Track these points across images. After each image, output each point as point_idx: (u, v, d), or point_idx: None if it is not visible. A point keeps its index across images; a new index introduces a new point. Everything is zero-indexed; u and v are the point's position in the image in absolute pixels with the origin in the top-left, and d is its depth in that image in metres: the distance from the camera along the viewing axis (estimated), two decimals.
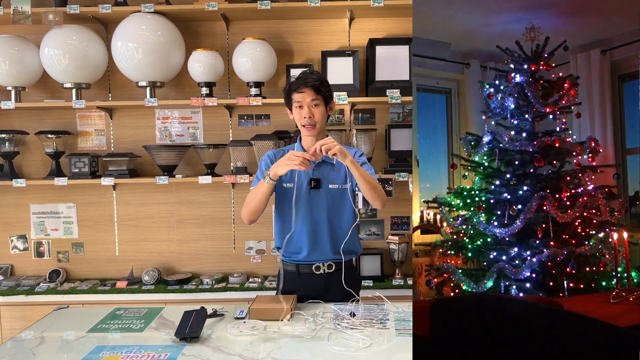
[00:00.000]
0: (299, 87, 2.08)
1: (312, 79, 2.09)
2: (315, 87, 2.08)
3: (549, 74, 2.10)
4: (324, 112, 2.12)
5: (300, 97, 2.09)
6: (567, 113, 2.15)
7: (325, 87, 2.12)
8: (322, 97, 2.10)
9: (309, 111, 2.08)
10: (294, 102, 2.11)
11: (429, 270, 1.87)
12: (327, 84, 2.15)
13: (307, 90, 2.07)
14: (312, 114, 2.08)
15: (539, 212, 1.98)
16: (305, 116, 2.08)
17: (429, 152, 1.98)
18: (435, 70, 1.98)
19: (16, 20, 2.98)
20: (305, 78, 2.10)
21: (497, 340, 1.22)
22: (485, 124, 2.07)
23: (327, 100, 2.14)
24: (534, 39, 2.04)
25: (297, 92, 2.09)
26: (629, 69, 2.12)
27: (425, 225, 1.91)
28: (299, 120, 2.11)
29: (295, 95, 2.10)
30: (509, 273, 1.87)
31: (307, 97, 2.08)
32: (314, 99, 2.08)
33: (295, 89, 2.09)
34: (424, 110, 1.70)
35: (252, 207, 2.09)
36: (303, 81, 2.09)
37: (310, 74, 2.12)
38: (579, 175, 2.14)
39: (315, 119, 2.09)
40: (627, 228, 1.91)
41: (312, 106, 2.09)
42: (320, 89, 2.10)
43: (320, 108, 2.11)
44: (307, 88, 2.07)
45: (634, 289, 1.71)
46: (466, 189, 2.07)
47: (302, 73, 2.14)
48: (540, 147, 2.10)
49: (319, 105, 2.10)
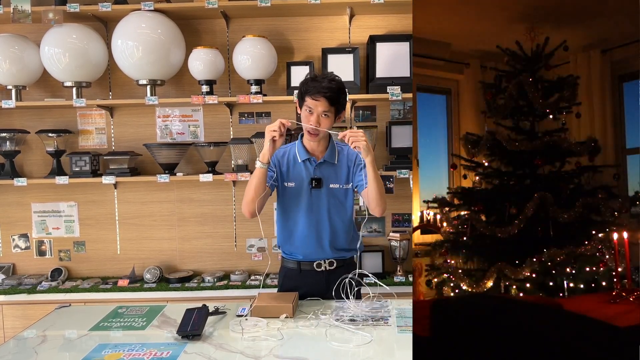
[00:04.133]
0: (315, 94, 2.02)
1: (330, 89, 2.02)
2: (330, 100, 2.03)
3: (549, 74, 2.11)
4: (331, 123, 2.09)
5: (312, 104, 2.04)
6: (567, 113, 2.15)
7: (342, 99, 2.08)
8: (334, 110, 2.07)
9: (317, 121, 2.05)
10: (305, 105, 2.07)
11: (429, 270, 1.89)
12: (345, 96, 2.10)
13: (322, 100, 2.02)
14: (319, 124, 2.05)
15: (539, 212, 1.99)
16: (312, 124, 2.05)
17: (429, 152, 1.98)
18: (435, 70, 1.98)
19: (16, 19, 2.98)
20: (323, 84, 2.02)
21: (497, 340, 1.23)
22: (485, 124, 2.08)
23: (339, 111, 2.11)
24: (534, 39, 2.04)
25: (311, 97, 2.03)
26: (629, 69, 2.11)
27: (425, 225, 1.92)
28: (306, 123, 2.08)
29: (309, 100, 2.04)
30: (509, 273, 1.88)
31: (319, 107, 2.03)
32: (326, 111, 2.04)
33: (311, 93, 2.03)
34: (424, 110, 1.70)
35: (249, 196, 2.06)
36: (320, 88, 2.02)
37: (330, 81, 2.04)
38: (579, 175, 2.14)
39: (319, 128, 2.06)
40: (627, 228, 1.92)
41: (321, 116, 2.05)
42: (337, 101, 2.05)
43: (330, 120, 2.07)
44: (322, 98, 2.02)
45: (634, 289, 1.72)
46: (466, 189, 2.08)
47: (322, 76, 2.07)
48: (540, 147, 2.11)
49: (329, 116, 2.06)
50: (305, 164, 2.17)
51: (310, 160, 2.17)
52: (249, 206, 2.08)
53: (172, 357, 1.63)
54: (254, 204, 2.06)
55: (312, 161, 2.17)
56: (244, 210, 2.11)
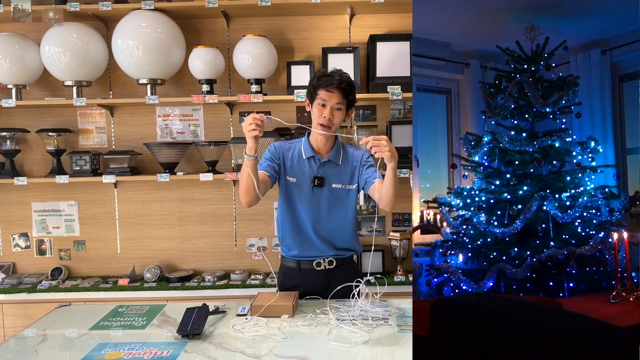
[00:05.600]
0: (329, 85, 2.05)
1: (344, 81, 2.06)
2: (344, 91, 2.06)
3: (549, 74, 2.11)
4: (342, 117, 2.11)
5: (326, 96, 2.07)
6: (567, 113, 2.16)
7: (353, 93, 2.11)
8: (347, 102, 2.10)
9: (330, 112, 2.07)
10: (318, 98, 2.08)
11: (429, 270, 1.89)
12: (355, 91, 2.13)
13: (336, 92, 2.06)
14: (332, 116, 2.07)
15: (539, 212, 2.00)
16: (325, 116, 2.06)
17: (429, 152, 1.99)
18: (435, 70, 1.98)
19: (16, 18, 2.98)
20: (335, 78, 2.06)
21: (497, 340, 1.23)
22: (485, 124, 2.08)
23: (349, 106, 2.14)
24: (534, 39, 2.05)
25: (325, 89, 2.06)
26: (629, 69, 2.12)
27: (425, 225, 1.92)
28: (318, 117, 2.09)
29: (322, 93, 2.07)
30: (509, 273, 1.89)
31: (333, 99, 2.06)
32: (339, 103, 2.07)
33: (324, 86, 2.06)
34: (424, 110, 1.70)
35: (243, 187, 2.02)
36: (334, 80, 2.05)
37: (341, 75, 2.09)
38: (579, 175, 2.15)
39: (334, 121, 2.09)
40: (627, 228, 1.93)
41: (335, 108, 2.07)
42: (349, 94, 2.08)
43: (342, 112, 2.10)
44: (336, 90, 2.05)
45: (634, 289, 1.72)
46: (466, 189, 2.09)
47: (334, 71, 2.10)
48: (540, 147, 2.11)
49: (341, 109, 2.09)
50: (309, 161, 2.17)
51: (314, 158, 2.17)
52: (243, 197, 2.05)
53: (172, 357, 1.63)
54: (249, 196, 2.02)
55: (317, 159, 2.17)
56: (242, 200, 2.07)
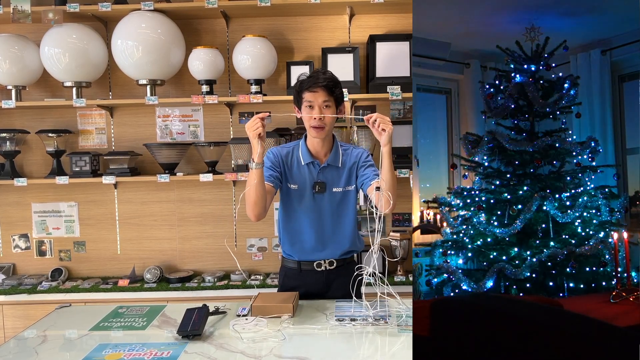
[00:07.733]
0: (312, 86, 2.03)
1: (326, 79, 2.04)
2: (328, 88, 2.03)
3: (549, 74, 2.11)
4: (334, 114, 2.08)
5: (312, 97, 2.04)
6: (567, 113, 2.16)
7: (338, 88, 2.08)
8: (334, 99, 2.06)
9: (319, 111, 2.04)
10: (305, 101, 2.06)
11: (429, 270, 1.89)
12: (340, 86, 2.11)
13: (320, 91, 2.03)
14: (322, 115, 2.04)
15: (539, 212, 2.00)
16: (315, 117, 2.03)
17: (429, 152, 1.98)
18: (435, 70, 1.98)
19: (16, 19, 2.99)
20: (318, 77, 2.04)
21: (497, 341, 1.23)
22: (485, 124, 2.08)
23: (338, 103, 2.10)
24: (534, 39, 2.04)
25: (309, 91, 2.04)
26: (629, 69, 2.12)
27: (425, 225, 1.92)
28: (308, 120, 2.06)
29: (307, 95, 2.04)
30: (509, 273, 1.89)
31: (319, 98, 2.03)
32: (326, 100, 2.04)
33: (307, 87, 2.04)
34: (424, 110, 1.70)
35: (251, 198, 1.97)
36: (316, 80, 2.03)
37: (323, 73, 2.07)
38: (579, 175, 2.15)
39: (325, 120, 2.05)
40: (627, 228, 1.93)
41: (323, 107, 2.04)
42: (334, 90, 2.05)
43: (331, 110, 2.06)
44: (320, 88, 2.02)
45: (634, 289, 1.72)
46: (466, 189, 2.08)
47: (315, 72, 2.09)
48: (540, 147, 2.11)
49: (330, 106, 2.06)
50: (308, 167, 2.15)
51: (314, 164, 2.14)
52: (251, 209, 2.00)
53: (173, 357, 1.63)
54: (258, 208, 1.99)
55: (316, 165, 2.14)
56: (249, 214, 2.03)
